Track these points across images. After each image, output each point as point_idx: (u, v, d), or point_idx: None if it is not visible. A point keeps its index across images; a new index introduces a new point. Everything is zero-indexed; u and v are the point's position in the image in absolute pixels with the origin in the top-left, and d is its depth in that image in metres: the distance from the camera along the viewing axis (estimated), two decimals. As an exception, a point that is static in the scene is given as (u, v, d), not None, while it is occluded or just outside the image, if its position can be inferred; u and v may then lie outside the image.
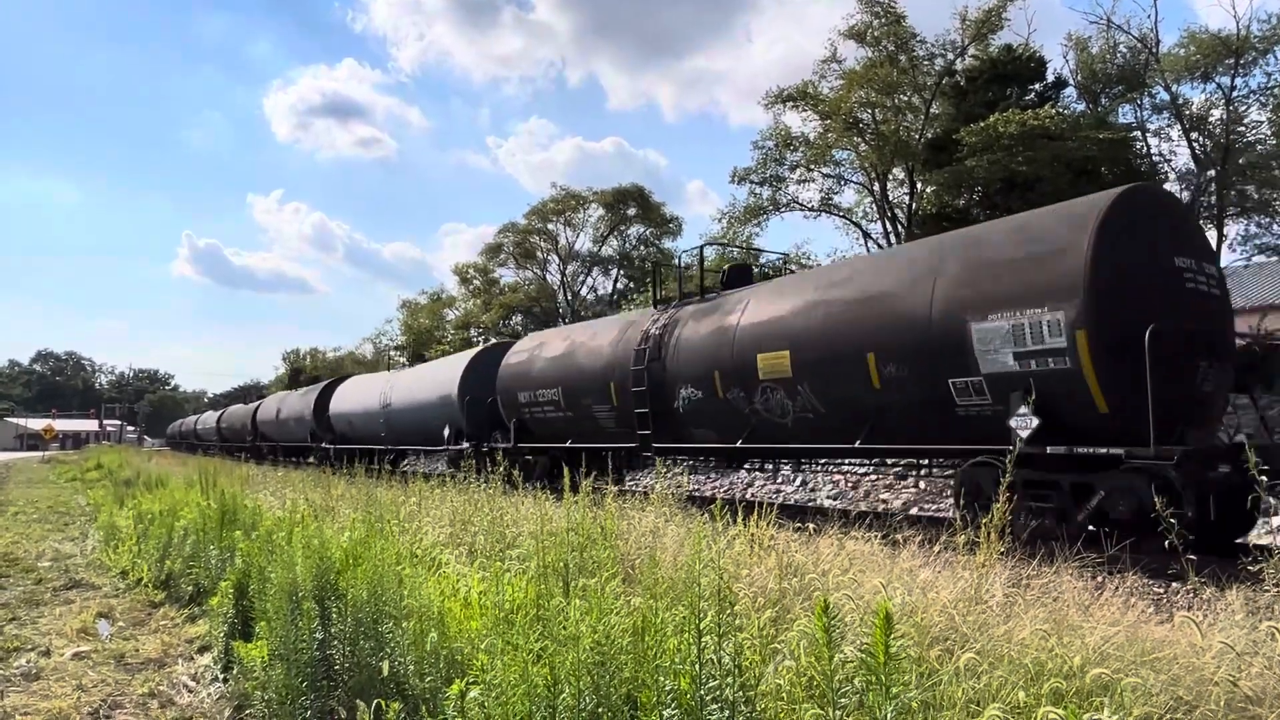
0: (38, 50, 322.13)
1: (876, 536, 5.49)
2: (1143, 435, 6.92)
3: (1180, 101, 23.14)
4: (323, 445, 27.94)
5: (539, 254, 48.98)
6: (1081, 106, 25.31)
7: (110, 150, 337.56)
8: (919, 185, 26.64)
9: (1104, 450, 7.26)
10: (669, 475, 8.03)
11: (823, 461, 14.50)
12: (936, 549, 4.91)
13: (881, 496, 15.09)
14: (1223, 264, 22.54)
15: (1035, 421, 7.54)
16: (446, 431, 18.94)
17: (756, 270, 15.50)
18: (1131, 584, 4.64)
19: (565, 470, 6.34)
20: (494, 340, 27.05)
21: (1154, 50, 22.98)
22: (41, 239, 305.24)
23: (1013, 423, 7.73)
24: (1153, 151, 24.10)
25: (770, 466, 14.66)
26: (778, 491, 17.26)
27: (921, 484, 15.08)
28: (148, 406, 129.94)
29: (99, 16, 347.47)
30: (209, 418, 59.19)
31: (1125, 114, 24.62)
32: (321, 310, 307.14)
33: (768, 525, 5.14)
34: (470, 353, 20.24)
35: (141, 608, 7.62)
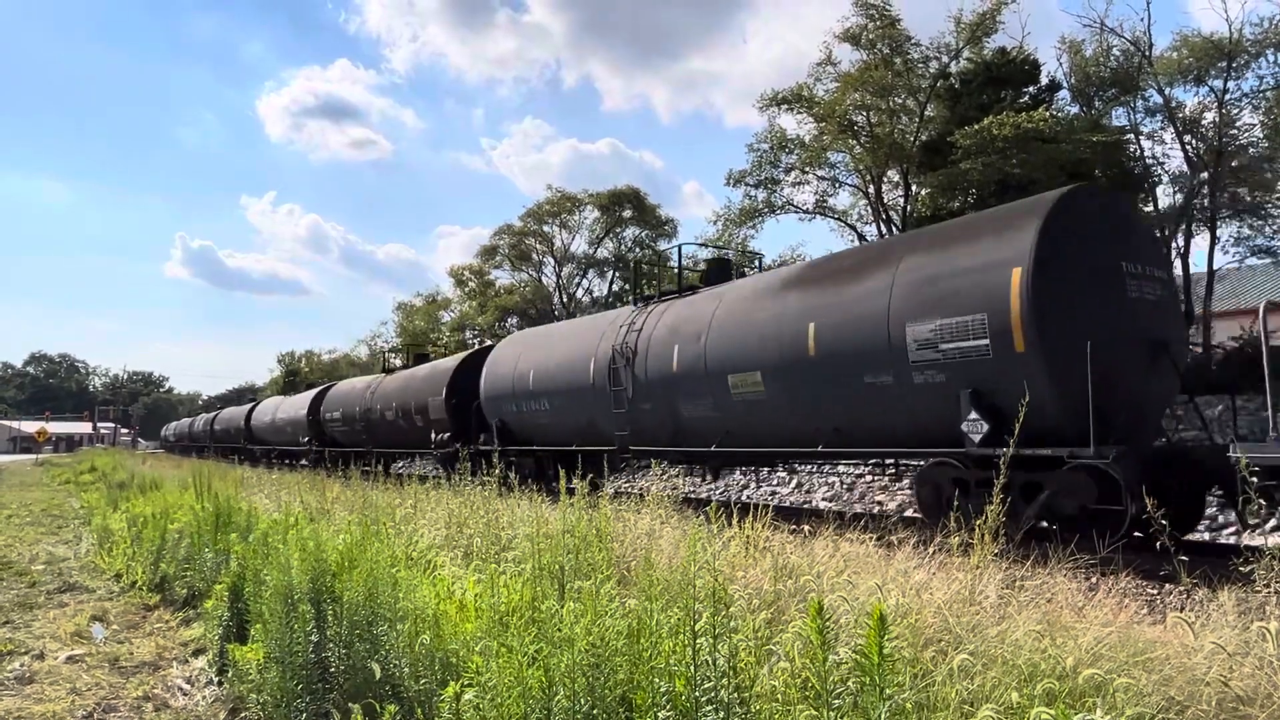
0: (29, 49, 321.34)
1: (871, 538, 5.50)
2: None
3: (1173, 104, 23.19)
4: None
5: (534, 256, 48.94)
6: (1075, 109, 25.36)
7: (103, 150, 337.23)
8: (914, 188, 26.71)
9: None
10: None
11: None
12: (931, 550, 4.92)
13: (877, 498, 15.11)
14: (1215, 266, 22.59)
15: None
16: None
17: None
18: (1125, 585, 4.66)
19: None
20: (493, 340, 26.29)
21: (1147, 53, 23.04)
22: (34, 239, 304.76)
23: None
24: (1146, 154, 24.15)
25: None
26: (773, 494, 17.26)
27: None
28: (142, 409, 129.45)
29: (90, 16, 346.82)
30: (284, 408, 35.77)
31: (1119, 117, 24.66)
32: (316, 312, 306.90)
33: (763, 527, 5.15)
34: None
35: (136, 611, 7.60)
